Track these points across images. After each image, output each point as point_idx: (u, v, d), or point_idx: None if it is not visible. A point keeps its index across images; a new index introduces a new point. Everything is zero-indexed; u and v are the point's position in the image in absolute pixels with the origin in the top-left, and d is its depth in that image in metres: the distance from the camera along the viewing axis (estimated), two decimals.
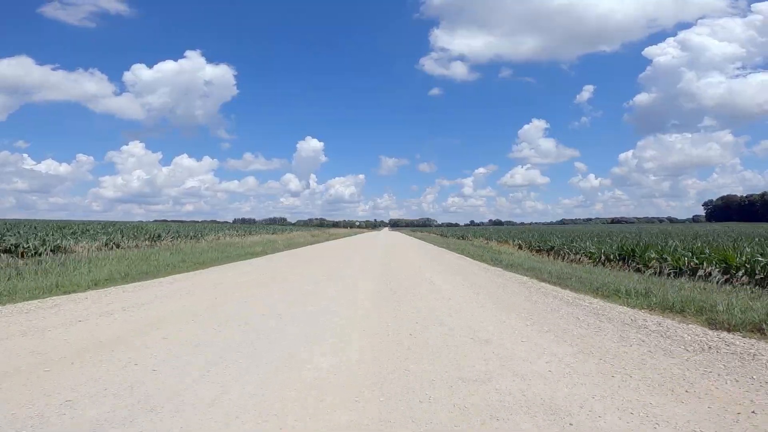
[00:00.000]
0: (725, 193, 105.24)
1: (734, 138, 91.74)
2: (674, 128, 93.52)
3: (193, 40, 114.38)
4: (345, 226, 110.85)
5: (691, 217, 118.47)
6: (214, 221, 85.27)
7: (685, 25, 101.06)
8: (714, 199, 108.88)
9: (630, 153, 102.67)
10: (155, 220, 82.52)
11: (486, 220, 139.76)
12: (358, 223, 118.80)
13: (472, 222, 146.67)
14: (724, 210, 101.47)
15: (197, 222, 66.64)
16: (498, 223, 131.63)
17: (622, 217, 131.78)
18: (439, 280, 9.03)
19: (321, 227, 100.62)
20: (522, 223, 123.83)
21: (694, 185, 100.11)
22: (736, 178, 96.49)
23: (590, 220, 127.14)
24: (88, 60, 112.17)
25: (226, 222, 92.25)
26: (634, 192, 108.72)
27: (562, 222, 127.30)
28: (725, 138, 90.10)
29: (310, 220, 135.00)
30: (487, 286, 8.22)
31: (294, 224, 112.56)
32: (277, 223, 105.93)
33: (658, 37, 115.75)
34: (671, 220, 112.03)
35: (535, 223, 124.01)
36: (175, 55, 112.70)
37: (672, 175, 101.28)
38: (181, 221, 72.00)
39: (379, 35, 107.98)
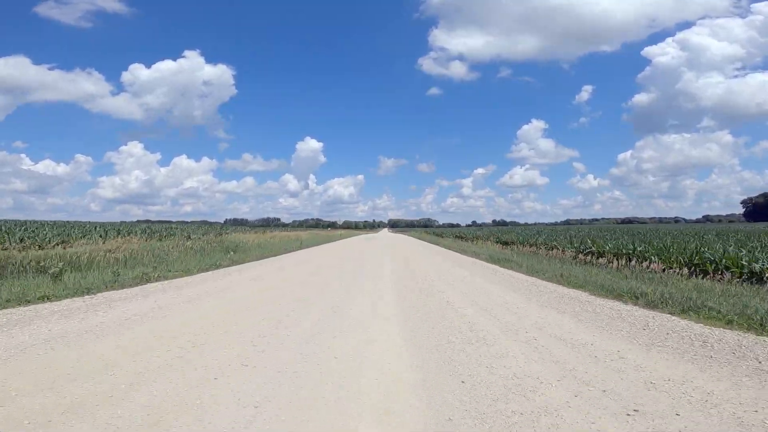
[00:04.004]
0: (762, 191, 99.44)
1: (733, 138, 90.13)
2: (673, 128, 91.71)
3: (192, 40, 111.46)
4: (326, 227, 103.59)
5: (701, 216, 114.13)
6: (205, 221, 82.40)
7: (686, 25, 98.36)
8: (754, 197, 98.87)
9: (629, 153, 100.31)
10: (138, 221, 78.18)
11: (489, 221, 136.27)
12: (341, 223, 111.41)
13: (473, 222, 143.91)
14: (766, 208, 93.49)
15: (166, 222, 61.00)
16: (501, 223, 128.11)
17: (633, 217, 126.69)
18: None
19: (317, 228, 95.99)
20: (526, 224, 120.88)
21: (692, 186, 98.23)
22: (735, 179, 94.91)
23: (596, 220, 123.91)
24: (86, 60, 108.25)
25: (218, 222, 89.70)
26: (632, 192, 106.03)
27: (567, 222, 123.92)
28: (724, 138, 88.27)
29: (306, 220, 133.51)
30: None
31: (288, 225, 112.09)
32: (271, 224, 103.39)
33: (659, 36, 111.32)
34: (686, 221, 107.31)
35: (538, 223, 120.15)
36: (174, 55, 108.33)
37: (671, 176, 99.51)
38: (168, 222, 67.22)
39: (378, 35, 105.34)
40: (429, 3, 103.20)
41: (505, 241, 22.02)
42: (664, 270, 8.92)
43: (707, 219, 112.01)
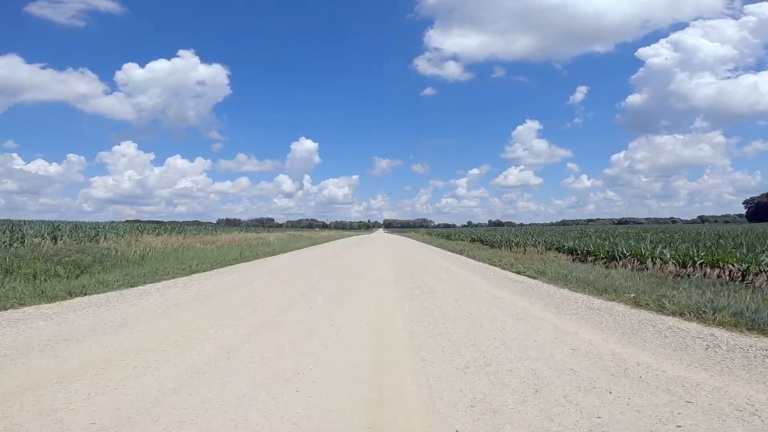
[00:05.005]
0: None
1: (725, 139, 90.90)
2: (665, 129, 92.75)
3: (187, 40, 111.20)
4: (314, 228, 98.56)
5: (696, 217, 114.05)
6: (197, 221, 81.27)
7: (680, 26, 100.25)
8: (756, 196, 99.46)
9: (622, 154, 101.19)
10: (127, 221, 73.11)
11: (485, 221, 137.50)
12: (331, 223, 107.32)
13: (469, 223, 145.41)
14: None
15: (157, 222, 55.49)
16: (498, 224, 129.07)
17: (629, 218, 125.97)
18: None
19: (310, 228, 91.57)
20: (521, 224, 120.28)
21: (685, 186, 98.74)
22: (727, 179, 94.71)
23: (592, 221, 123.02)
24: (79, 59, 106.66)
25: (210, 223, 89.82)
26: (625, 193, 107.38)
27: (563, 223, 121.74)
28: (716, 139, 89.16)
29: (300, 221, 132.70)
30: None
31: (283, 225, 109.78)
32: (265, 224, 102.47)
33: (653, 37, 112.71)
34: (683, 221, 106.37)
35: (534, 224, 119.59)
36: (168, 55, 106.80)
37: (663, 176, 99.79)
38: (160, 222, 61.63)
39: (372, 35, 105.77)
40: (424, 3, 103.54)
41: (570, 248, 14.24)
42: None
43: (703, 219, 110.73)
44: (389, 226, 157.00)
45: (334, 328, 4.74)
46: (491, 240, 23.25)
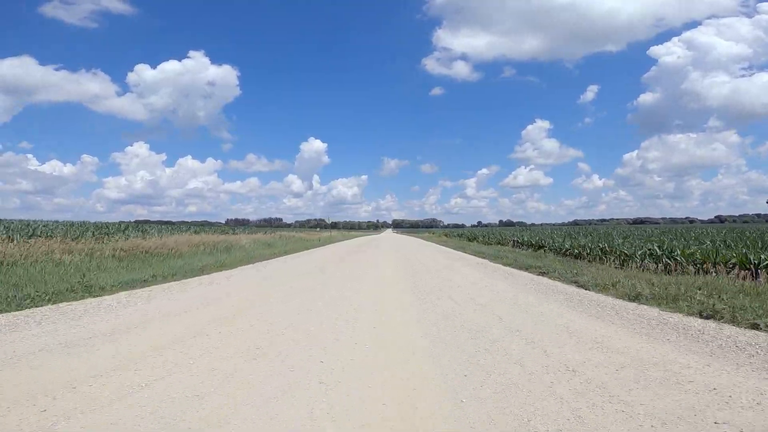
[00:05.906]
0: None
1: (740, 138, 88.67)
2: (678, 128, 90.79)
3: (197, 41, 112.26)
4: (315, 228, 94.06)
5: (713, 216, 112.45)
6: (206, 221, 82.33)
7: (693, 25, 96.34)
8: None
9: (634, 153, 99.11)
10: (137, 221, 70.69)
11: (495, 221, 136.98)
12: (331, 222, 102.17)
13: (479, 223, 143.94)
14: None
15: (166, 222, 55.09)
16: (508, 224, 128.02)
17: (645, 218, 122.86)
18: None
19: (317, 228, 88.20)
20: (533, 224, 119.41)
21: (698, 186, 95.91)
22: (741, 179, 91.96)
23: (605, 221, 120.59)
24: (91, 60, 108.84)
25: (219, 223, 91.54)
26: (637, 193, 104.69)
27: (575, 223, 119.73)
28: (730, 138, 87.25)
29: (308, 220, 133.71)
30: None
31: (290, 225, 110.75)
32: (272, 224, 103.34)
33: (665, 36, 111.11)
34: (701, 221, 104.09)
35: (545, 224, 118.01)
36: (179, 56, 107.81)
37: (676, 176, 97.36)
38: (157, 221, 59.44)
39: (381, 36, 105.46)
40: (432, 3, 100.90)
41: None
42: None
43: (721, 219, 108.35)
44: (398, 226, 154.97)
45: None
46: (552, 245, 15.80)
